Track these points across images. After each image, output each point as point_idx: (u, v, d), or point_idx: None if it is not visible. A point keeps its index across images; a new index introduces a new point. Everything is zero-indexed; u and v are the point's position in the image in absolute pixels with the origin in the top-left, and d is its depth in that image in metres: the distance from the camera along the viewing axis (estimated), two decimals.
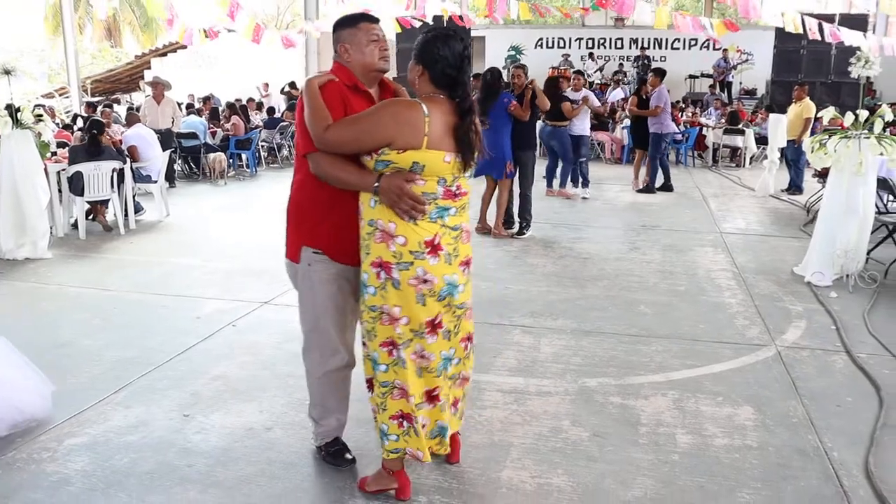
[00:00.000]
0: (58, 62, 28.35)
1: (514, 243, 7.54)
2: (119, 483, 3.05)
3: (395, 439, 2.81)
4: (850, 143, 5.89)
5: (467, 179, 2.76)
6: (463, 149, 2.65)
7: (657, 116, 10.70)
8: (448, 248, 2.67)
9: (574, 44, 22.37)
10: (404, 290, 2.64)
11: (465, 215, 2.78)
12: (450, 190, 2.66)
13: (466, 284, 2.79)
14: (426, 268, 2.62)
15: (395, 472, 2.89)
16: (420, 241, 2.61)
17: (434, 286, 2.65)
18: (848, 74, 6.83)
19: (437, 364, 2.77)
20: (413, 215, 2.59)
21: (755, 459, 3.26)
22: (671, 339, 4.77)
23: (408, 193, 2.57)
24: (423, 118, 2.57)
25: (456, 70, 2.64)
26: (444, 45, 2.63)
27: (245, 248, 7.25)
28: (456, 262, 2.70)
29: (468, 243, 2.79)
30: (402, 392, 2.76)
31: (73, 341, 4.71)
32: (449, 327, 2.76)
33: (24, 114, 6.82)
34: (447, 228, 2.67)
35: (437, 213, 2.64)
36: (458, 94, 2.66)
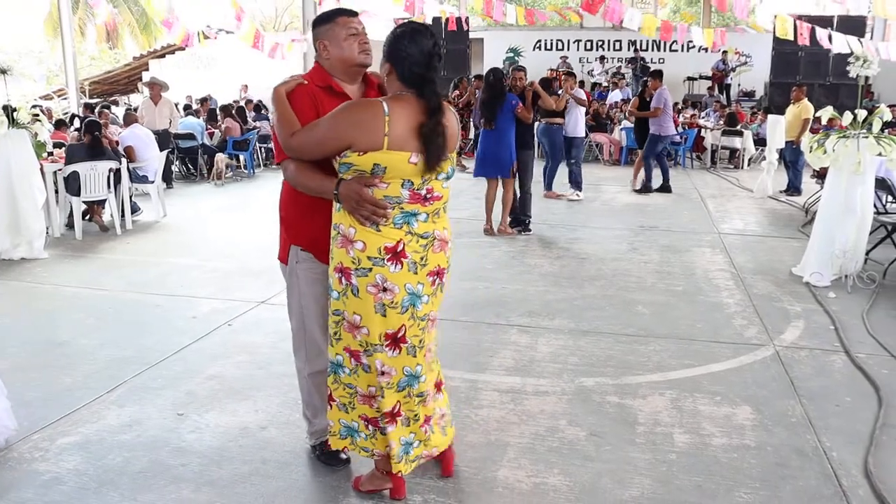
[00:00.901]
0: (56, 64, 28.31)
1: (512, 244, 7.52)
2: (112, 482, 3.02)
3: (364, 438, 2.78)
4: (848, 143, 5.87)
5: (443, 183, 2.62)
6: (427, 149, 2.50)
7: (659, 118, 10.71)
8: (414, 255, 2.55)
9: (573, 46, 22.38)
10: (363, 298, 2.55)
11: (439, 222, 2.64)
12: (417, 193, 2.54)
13: (434, 296, 2.66)
14: (385, 275, 2.52)
15: (389, 472, 2.84)
16: (380, 246, 2.51)
17: (395, 296, 2.54)
18: (846, 76, 6.82)
19: (398, 379, 2.67)
20: (374, 220, 2.50)
21: (753, 459, 3.24)
22: (669, 339, 4.75)
23: (367, 199, 2.48)
24: (382, 118, 2.46)
25: (423, 68, 2.53)
26: (412, 41, 2.53)
27: (242, 249, 7.23)
28: (423, 272, 2.58)
29: (441, 253, 2.64)
30: (365, 398, 2.72)
31: (68, 341, 4.68)
32: (414, 342, 2.64)
33: (21, 113, 6.79)
34: (414, 235, 2.55)
35: (403, 218, 2.53)
36: (426, 93, 2.53)
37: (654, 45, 21.44)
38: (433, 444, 2.87)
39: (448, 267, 2.71)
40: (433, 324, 2.75)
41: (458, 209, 9.10)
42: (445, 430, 2.94)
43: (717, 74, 19.92)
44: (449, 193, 2.69)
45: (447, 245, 2.68)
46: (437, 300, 2.72)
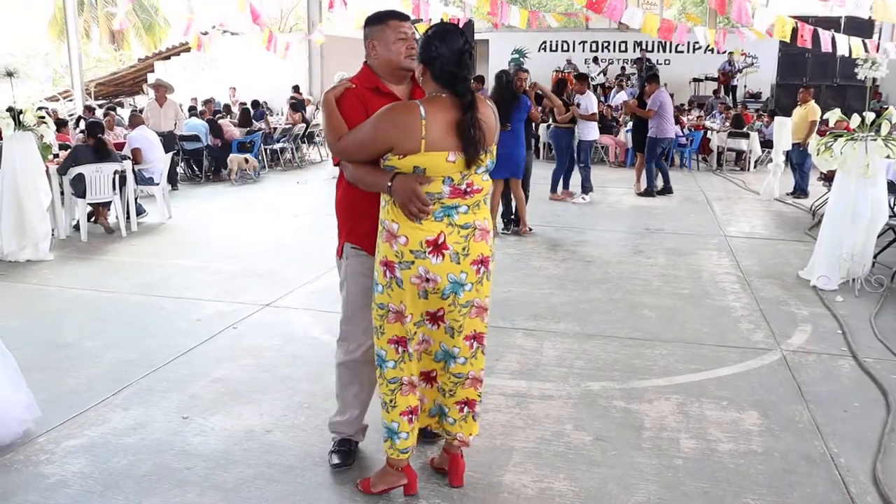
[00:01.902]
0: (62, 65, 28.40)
1: (517, 246, 7.50)
2: (117, 485, 3.02)
3: (406, 437, 2.81)
4: (856, 146, 5.84)
5: (483, 176, 2.69)
6: (465, 145, 2.58)
7: (655, 121, 10.69)
8: (455, 246, 2.62)
9: (578, 47, 22.35)
10: (407, 289, 2.66)
11: (479, 213, 2.71)
12: (458, 188, 2.61)
13: (478, 284, 2.72)
14: (428, 267, 2.61)
15: (403, 467, 2.88)
16: (422, 240, 2.59)
17: (438, 285, 2.64)
18: (853, 78, 6.78)
19: (435, 349, 2.80)
20: (421, 217, 2.58)
21: (760, 465, 3.22)
22: (675, 343, 4.73)
23: (420, 195, 2.56)
24: (419, 122, 2.54)
25: (455, 66, 2.59)
26: (442, 42, 2.59)
27: (246, 251, 7.23)
28: (466, 261, 2.65)
29: (483, 241, 2.71)
30: (409, 388, 2.80)
31: (73, 343, 4.68)
32: (453, 325, 2.74)
33: (27, 116, 6.80)
34: (455, 227, 2.63)
35: (443, 211, 2.61)
36: (459, 90, 2.60)
37: (660, 46, 21.40)
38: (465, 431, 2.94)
39: (492, 255, 2.77)
40: (482, 312, 2.81)
41: None
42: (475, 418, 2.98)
43: (723, 76, 19.89)
44: (490, 185, 2.76)
45: (489, 234, 2.74)
46: (484, 288, 2.77)
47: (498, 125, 2.80)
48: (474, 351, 2.85)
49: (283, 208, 9.78)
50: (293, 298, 5.62)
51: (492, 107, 2.77)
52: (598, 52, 22.14)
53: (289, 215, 9.25)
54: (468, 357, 2.83)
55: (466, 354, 2.82)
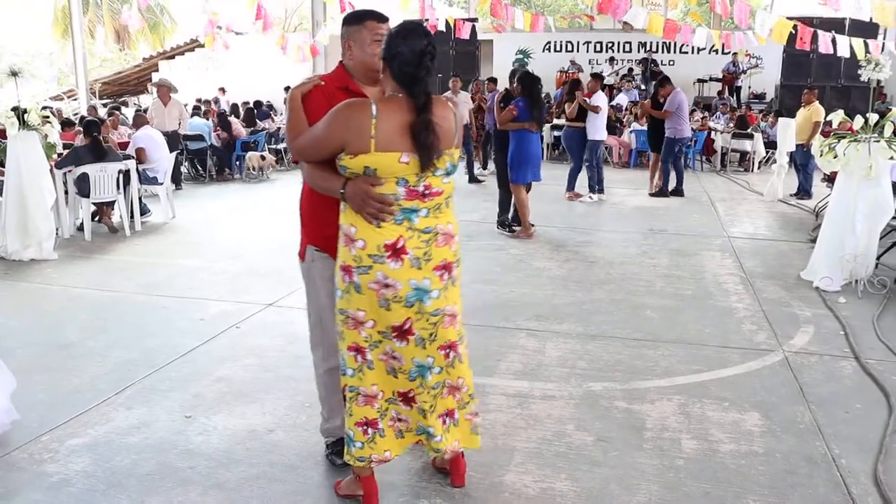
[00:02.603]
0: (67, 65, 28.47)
1: (520, 246, 7.51)
2: (120, 484, 3.03)
3: (360, 446, 2.75)
4: (859, 147, 5.84)
5: (443, 179, 2.60)
6: (418, 148, 2.49)
7: (673, 121, 10.71)
8: (415, 251, 2.54)
9: (582, 47, 22.32)
10: (366, 294, 2.57)
11: (442, 217, 2.62)
12: (414, 190, 2.53)
13: (445, 290, 2.64)
14: (386, 272, 2.53)
15: (363, 478, 2.83)
16: (380, 244, 2.52)
17: (398, 291, 2.54)
18: (858, 79, 6.78)
19: (408, 367, 2.67)
20: (381, 218, 2.51)
21: (762, 466, 3.22)
22: (677, 344, 4.73)
23: (373, 196, 2.50)
24: (369, 120, 2.47)
25: (414, 67, 2.51)
26: (404, 41, 2.52)
27: (250, 250, 7.25)
28: (428, 266, 2.57)
29: (446, 247, 2.62)
30: (367, 398, 2.71)
31: (76, 342, 4.70)
32: (422, 335, 2.63)
33: (31, 115, 6.83)
34: (415, 231, 2.55)
35: (402, 214, 2.53)
36: (415, 91, 2.52)
37: (664, 46, 21.36)
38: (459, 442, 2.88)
39: (456, 261, 2.70)
40: (453, 320, 2.71)
41: (469, 211, 9.10)
42: (477, 430, 2.94)
43: (727, 77, 19.86)
44: (452, 188, 2.67)
45: (453, 239, 2.66)
46: (452, 294, 2.69)
47: (459, 129, 2.70)
48: (451, 360, 2.74)
49: (286, 208, 9.76)
50: (297, 298, 5.61)
51: (454, 110, 2.69)
52: (603, 53, 22.10)
53: (292, 215, 9.24)
54: (444, 366, 2.73)
55: (442, 364, 2.72)
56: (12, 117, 6.73)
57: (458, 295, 2.75)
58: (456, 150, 2.68)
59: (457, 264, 2.70)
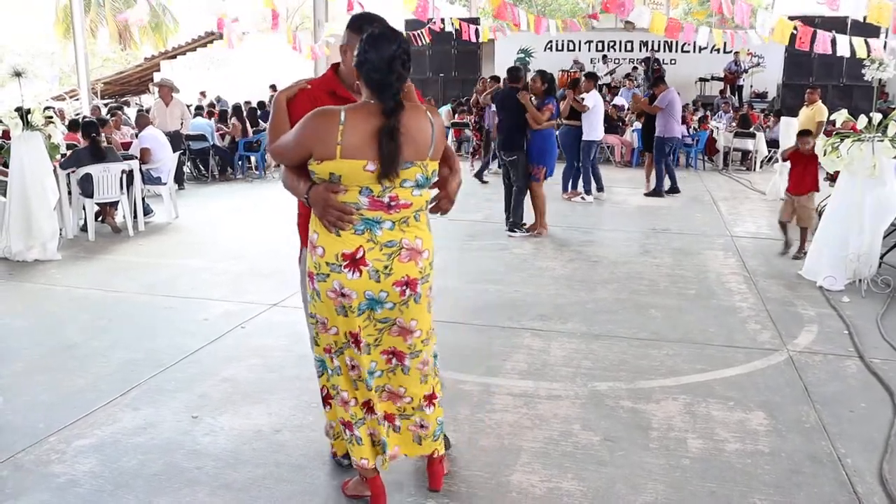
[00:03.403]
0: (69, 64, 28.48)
1: (524, 246, 7.51)
2: (127, 485, 3.04)
3: (348, 440, 2.78)
4: (862, 147, 5.84)
5: (413, 191, 2.53)
6: (380, 156, 2.44)
7: (662, 119, 10.72)
8: (376, 263, 2.51)
9: (584, 46, 22.31)
10: (325, 302, 2.58)
11: (409, 231, 2.57)
12: (378, 201, 2.49)
13: (402, 305, 2.59)
14: (343, 282, 2.51)
15: (368, 479, 2.83)
16: (338, 253, 2.50)
17: (353, 301, 2.54)
18: (860, 78, 6.81)
19: (365, 375, 2.66)
20: (340, 226, 2.50)
21: (767, 465, 3.23)
22: (682, 343, 4.73)
23: (332, 205, 2.48)
24: (336, 127, 2.44)
25: (383, 73, 2.45)
26: (372, 47, 2.47)
27: (253, 250, 7.25)
28: (388, 281, 2.53)
29: (412, 263, 2.56)
30: (342, 400, 2.73)
31: (81, 342, 4.71)
32: (368, 340, 2.63)
33: (35, 116, 6.84)
34: (377, 244, 2.51)
35: (364, 225, 2.50)
36: (382, 98, 2.47)
37: (666, 45, 21.35)
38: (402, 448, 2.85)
39: (422, 278, 2.62)
40: (406, 334, 2.66)
41: (471, 211, 9.11)
42: (421, 441, 2.85)
43: (729, 76, 19.84)
44: (423, 201, 2.61)
45: (420, 255, 2.59)
46: (412, 311, 2.63)
47: (437, 140, 2.58)
48: (392, 367, 2.72)
49: (289, 208, 9.76)
50: (300, 298, 5.62)
51: (431, 119, 2.59)
52: (605, 52, 22.10)
53: (295, 215, 9.24)
54: (384, 370, 2.71)
55: (383, 368, 2.70)
56: (16, 118, 6.74)
57: (422, 311, 2.67)
58: (432, 161, 2.59)
59: (423, 281, 2.62)
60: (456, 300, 5.57)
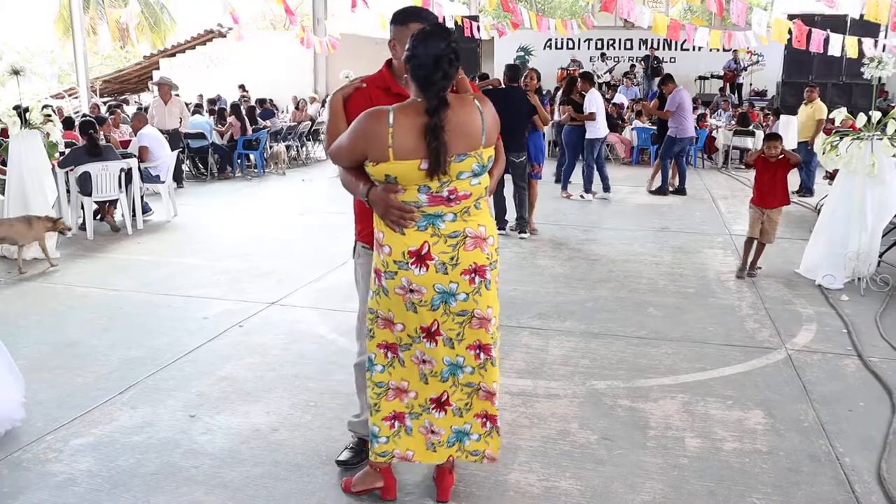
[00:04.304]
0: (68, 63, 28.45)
1: (523, 244, 7.51)
2: (124, 484, 3.04)
3: (385, 441, 2.78)
4: (861, 145, 5.83)
5: (471, 181, 2.54)
6: (428, 153, 2.45)
7: (675, 120, 10.70)
8: (442, 256, 2.52)
9: (583, 45, 22.31)
10: (393, 299, 2.59)
11: (471, 220, 2.57)
12: (438, 196, 2.51)
13: (475, 294, 2.58)
14: (411, 278, 2.53)
15: (382, 469, 2.87)
16: (404, 250, 2.52)
17: (423, 296, 2.55)
18: (860, 76, 6.76)
19: (440, 368, 2.67)
20: (403, 225, 2.52)
21: (765, 464, 3.22)
22: (680, 342, 4.73)
23: (393, 205, 2.50)
24: (385, 129, 2.45)
25: (429, 70, 2.45)
26: (422, 43, 2.46)
27: (252, 249, 7.24)
28: (455, 271, 2.54)
29: (477, 250, 2.56)
30: (396, 392, 2.74)
31: (79, 341, 4.70)
32: (450, 335, 2.62)
33: (33, 114, 6.83)
34: (441, 236, 2.53)
35: (426, 220, 2.52)
36: (427, 96, 2.47)
37: (665, 44, 21.33)
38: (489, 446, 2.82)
39: (490, 264, 2.62)
40: (485, 323, 2.64)
41: None
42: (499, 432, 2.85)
43: (728, 74, 19.84)
44: (481, 190, 2.60)
45: (484, 242, 2.60)
46: (484, 298, 2.61)
47: (489, 127, 2.57)
48: (482, 362, 2.69)
49: (288, 206, 9.80)
50: (299, 297, 5.64)
51: (480, 108, 2.57)
52: (604, 50, 22.10)
53: (294, 213, 9.27)
54: (475, 367, 2.69)
55: (473, 364, 2.68)
56: (14, 116, 6.73)
57: (494, 299, 2.69)
58: (486, 149, 2.58)
59: (490, 267, 2.63)
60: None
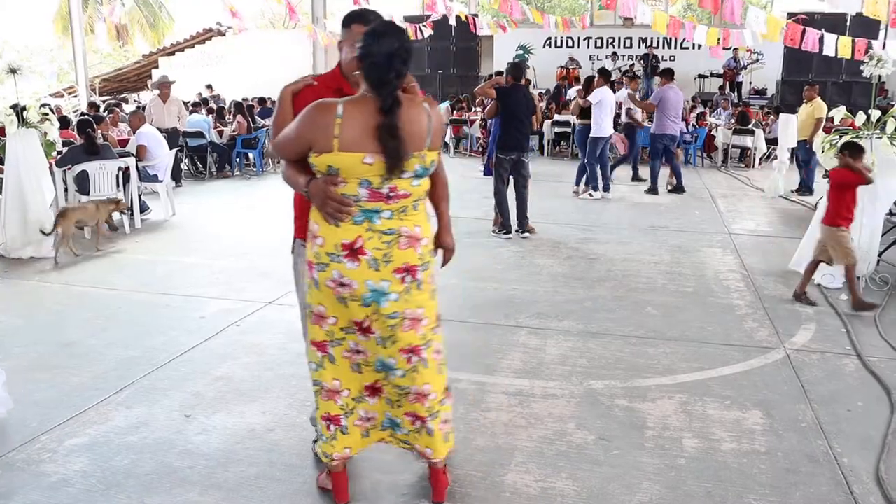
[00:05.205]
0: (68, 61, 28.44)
1: (521, 243, 7.49)
2: (118, 484, 3.02)
3: (325, 441, 2.79)
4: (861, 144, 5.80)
5: (412, 181, 2.55)
6: (384, 150, 2.46)
7: (655, 116, 10.69)
8: (375, 252, 2.52)
9: (582, 43, 22.29)
10: (324, 291, 2.59)
11: (408, 219, 2.58)
12: (378, 192, 2.51)
13: (405, 294, 2.58)
14: (342, 271, 2.53)
15: (333, 473, 2.86)
16: (337, 243, 2.53)
17: (354, 291, 2.54)
18: (859, 74, 6.74)
19: (373, 359, 2.68)
20: (339, 217, 2.52)
21: (763, 465, 3.21)
22: (679, 342, 4.71)
23: (332, 196, 2.51)
24: (333, 120, 2.47)
25: (383, 69, 2.47)
26: (376, 41, 2.49)
27: (250, 248, 7.22)
28: (387, 269, 2.54)
29: (410, 249, 2.57)
30: (329, 393, 2.73)
31: (76, 340, 4.68)
32: (382, 335, 2.62)
33: (30, 113, 6.81)
34: (376, 232, 2.53)
35: (363, 215, 2.52)
36: (381, 93, 2.48)
37: (664, 42, 21.31)
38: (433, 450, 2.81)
39: (423, 265, 2.62)
40: (416, 324, 2.64)
41: (469, 208, 9.08)
42: (448, 438, 2.85)
43: (728, 72, 19.81)
44: (422, 191, 2.62)
45: (418, 242, 2.60)
46: (416, 298, 2.62)
47: (434, 130, 2.60)
48: (413, 365, 2.67)
49: (286, 205, 9.75)
50: (296, 295, 5.60)
51: (429, 111, 2.60)
52: (604, 49, 22.07)
53: (292, 212, 9.22)
54: (406, 370, 2.67)
55: (404, 367, 2.67)
56: (11, 115, 6.71)
57: (427, 299, 2.67)
58: (431, 151, 2.60)
59: (422, 268, 2.63)
60: (453, 297, 5.55)
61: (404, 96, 2.56)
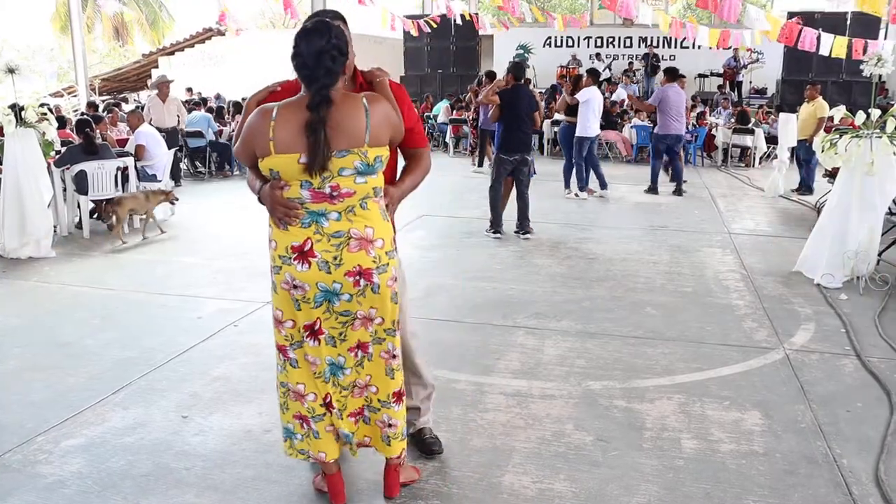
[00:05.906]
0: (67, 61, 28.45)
1: (520, 243, 7.48)
2: (115, 485, 3.01)
3: (301, 439, 2.78)
4: (861, 143, 5.80)
5: (355, 178, 2.49)
6: (308, 147, 2.45)
7: (657, 117, 10.67)
8: (325, 255, 2.51)
9: (583, 43, 22.28)
10: (280, 294, 2.61)
11: (357, 220, 2.53)
12: (320, 192, 2.49)
13: (359, 296, 2.56)
14: (294, 274, 2.54)
15: (328, 476, 2.84)
16: (287, 245, 2.54)
17: (306, 293, 2.55)
18: (860, 73, 6.73)
19: (322, 369, 2.68)
20: (287, 221, 2.53)
21: (762, 466, 3.20)
22: (678, 342, 4.70)
23: (278, 201, 2.53)
24: (268, 123, 2.49)
25: (310, 67, 2.47)
26: (303, 39, 2.50)
27: (248, 248, 7.19)
28: (339, 271, 2.51)
29: (362, 252, 2.52)
30: (296, 395, 2.73)
31: (74, 341, 4.67)
32: (332, 333, 2.63)
33: (28, 112, 6.80)
34: (325, 235, 2.51)
35: (310, 217, 2.52)
36: (310, 90, 2.48)
37: (665, 42, 21.31)
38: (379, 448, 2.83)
39: (377, 267, 2.56)
40: (367, 322, 2.64)
41: (469, 208, 9.08)
42: (390, 442, 2.80)
43: (728, 72, 19.80)
44: (368, 188, 2.54)
45: (371, 244, 2.55)
46: (370, 300, 2.59)
47: (371, 126, 2.51)
48: (359, 360, 2.70)
49: None
50: None
51: (367, 106, 2.53)
52: (603, 48, 22.07)
53: None
54: (353, 366, 2.70)
55: (351, 364, 2.69)
56: (9, 114, 6.70)
57: (383, 302, 2.63)
58: (373, 148, 2.53)
59: (378, 271, 2.57)
60: (451, 298, 5.55)
61: (342, 94, 2.55)
